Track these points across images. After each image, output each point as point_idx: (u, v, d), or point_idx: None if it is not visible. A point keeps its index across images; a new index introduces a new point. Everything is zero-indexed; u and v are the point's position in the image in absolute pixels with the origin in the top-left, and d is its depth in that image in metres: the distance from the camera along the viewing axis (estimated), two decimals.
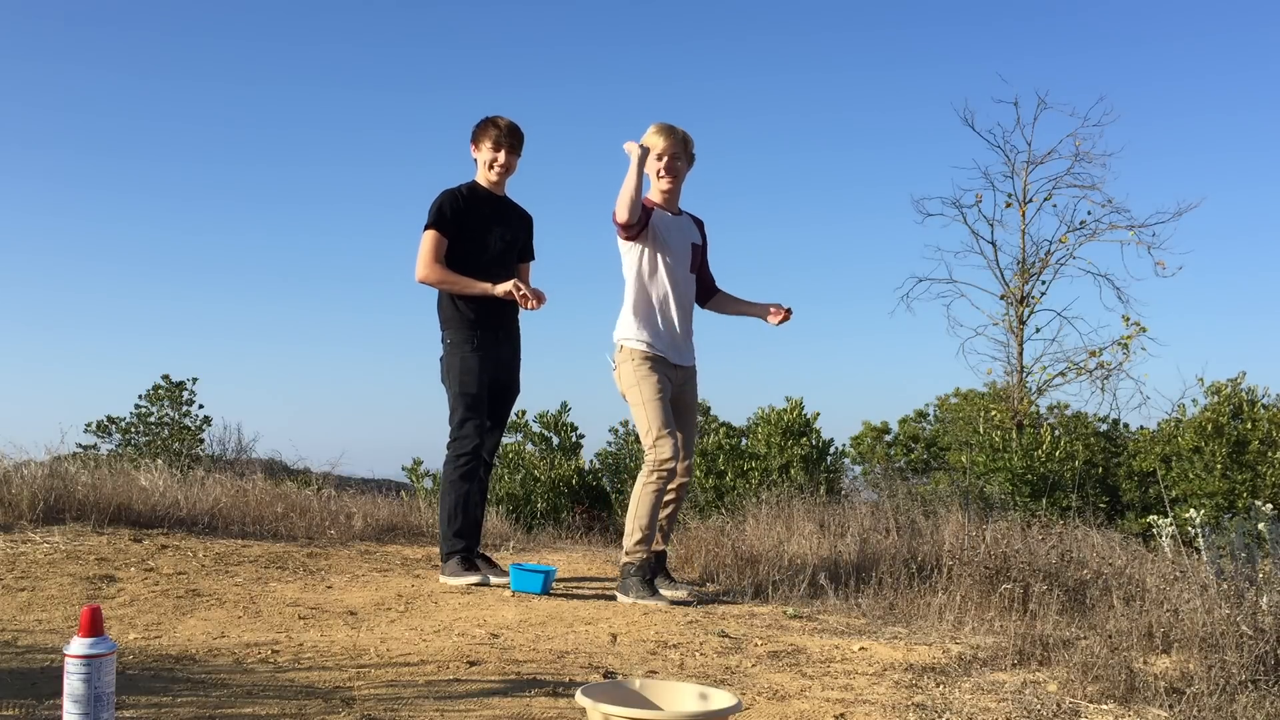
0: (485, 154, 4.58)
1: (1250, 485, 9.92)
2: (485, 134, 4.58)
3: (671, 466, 4.27)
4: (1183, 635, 3.23)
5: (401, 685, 2.77)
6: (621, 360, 4.43)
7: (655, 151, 4.41)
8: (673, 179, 4.45)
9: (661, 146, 4.41)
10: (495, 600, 4.16)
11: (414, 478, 10.53)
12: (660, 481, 4.28)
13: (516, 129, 4.59)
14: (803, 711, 2.74)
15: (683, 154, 4.47)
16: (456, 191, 4.56)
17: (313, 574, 4.61)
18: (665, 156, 4.42)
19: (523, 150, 4.64)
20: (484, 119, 4.61)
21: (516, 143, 4.59)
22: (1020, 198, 11.76)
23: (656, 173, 4.44)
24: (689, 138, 4.49)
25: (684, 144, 4.46)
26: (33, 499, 5.16)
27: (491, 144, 4.56)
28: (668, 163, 4.43)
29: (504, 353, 4.60)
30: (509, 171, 4.61)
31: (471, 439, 4.45)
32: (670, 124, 4.46)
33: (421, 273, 4.48)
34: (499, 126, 4.55)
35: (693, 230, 4.58)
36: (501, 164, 4.56)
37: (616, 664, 3.16)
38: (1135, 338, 11.40)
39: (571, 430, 10.73)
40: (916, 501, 6.99)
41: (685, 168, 4.50)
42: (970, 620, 3.97)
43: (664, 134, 4.42)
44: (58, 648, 2.89)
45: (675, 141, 4.43)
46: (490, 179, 4.60)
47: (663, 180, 4.44)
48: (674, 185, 4.47)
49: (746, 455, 10.19)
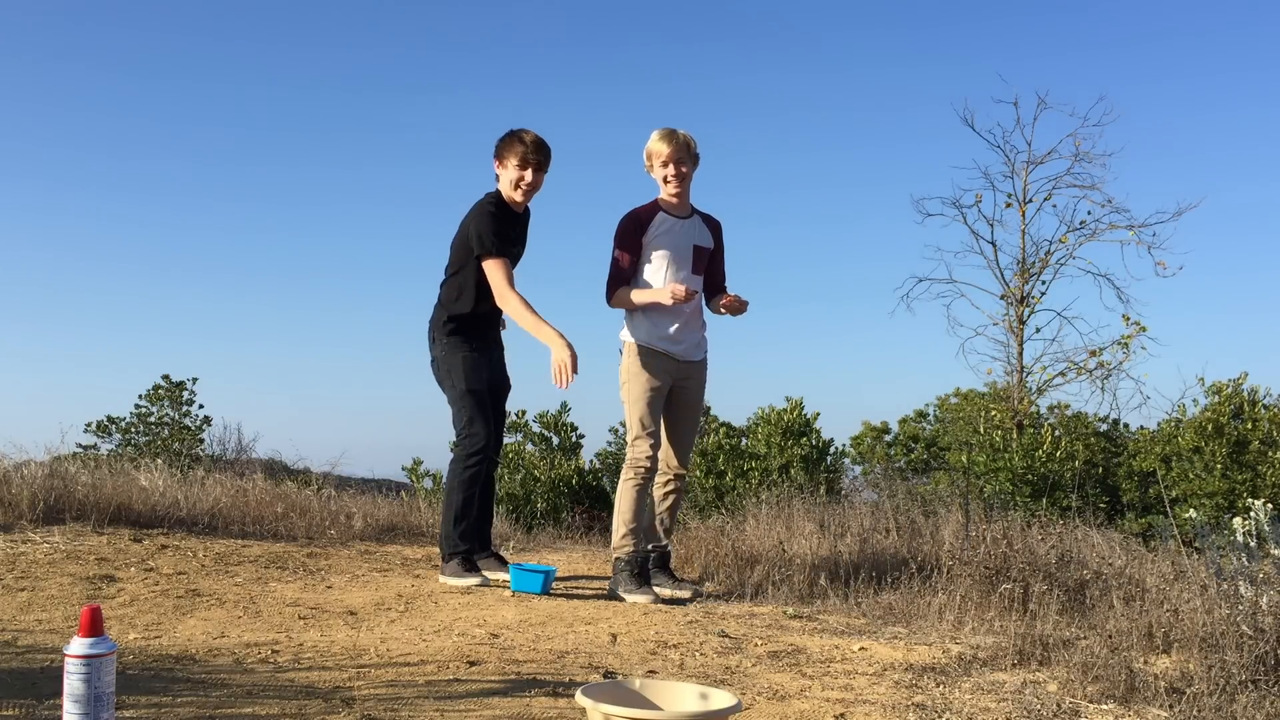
0: (511, 171, 4.41)
1: (1250, 485, 9.92)
2: (511, 150, 4.40)
3: (648, 465, 4.38)
4: (1183, 635, 3.23)
5: (401, 685, 2.77)
6: (624, 355, 4.51)
7: (660, 159, 4.46)
8: (679, 184, 4.49)
9: (666, 153, 4.45)
10: (495, 600, 4.16)
11: (414, 478, 10.53)
12: (638, 478, 4.39)
13: (543, 144, 4.42)
14: (803, 711, 2.74)
15: (687, 157, 4.49)
16: (493, 213, 4.39)
17: (313, 574, 4.61)
18: (670, 163, 4.46)
19: (550, 166, 4.48)
20: (509, 133, 4.44)
21: (544, 160, 4.43)
22: (1020, 198, 11.76)
23: (663, 179, 4.48)
24: (690, 139, 4.51)
25: (686, 147, 4.49)
26: (33, 499, 5.16)
27: (519, 161, 4.38)
28: (674, 169, 4.46)
29: (495, 353, 4.68)
30: (536, 190, 4.47)
31: (480, 437, 4.39)
32: (670, 128, 4.50)
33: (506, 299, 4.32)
34: (525, 143, 4.37)
35: (702, 232, 4.58)
36: (529, 183, 4.41)
37: (616, 664, 3.16)
38: (1135, 337, 11.40)
39: (571, 430, 10.74)
40: (916, 501, 6.99)
41: (691, 170, 4.53)
42: (970, 620, 3.97)
43: (666, 140, 4.46)
44: (58, 648, 2.89)
45: (678, 146, 4.46)
46: (516, 199, 4.45)
47: (670, 185, 4.48)
48: (681, 189, 4.50)
49: (746, 455, 10.19)
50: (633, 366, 4.43)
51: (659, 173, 4.48)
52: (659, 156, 4.46)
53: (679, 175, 4.46)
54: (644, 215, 4.48)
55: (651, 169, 4.51)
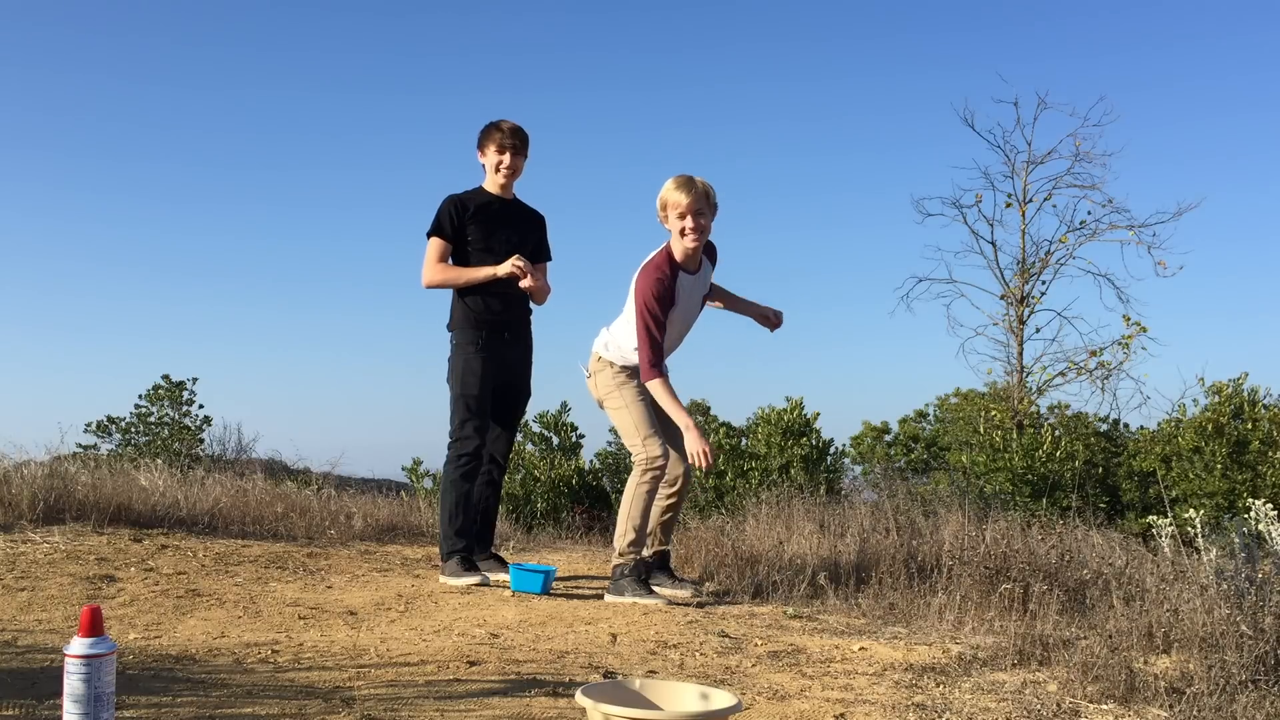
0: (491, 158, 4.59)
1: (1250, 485, 9.91)
2: (490, 138, 4.58)
3: (662, 464, 4.24)
4: (1183, 635, 3.22)
5: (401, 685, 2.77)
6: (598, 369, 4.43)
7: (678, 210, 4.16)
8: (698, 237, 4.19)
9: (685, 204, 4.14)
10: (495, 600, 4.16)
11: (414, 478, 10.53)
12: (653, 480, 4.25)
13: (520, 130, 4.59)
14: (803, 711, 2.74)
15: (706, 208, 4.20)
16: (458, 197, 4.57)
17: (313, 574, 4.61)
18: (689, 215, 4.15)
19: (528, 152, 4.64)
20: (487, 124, 4.62)
21: (521, 144, 4.59)
22: (1020, 198, 11.78)
23: (680, 230, 4.18)
24: (710, 189, 4.23)
25: (706, 197, 4.20)
26: (33, 499, 5.16)
27: (496, 147, 4.56)
28: (693, 221, 4.15)
29: (512, 354, 4.60)
30: (515, 173, 4.61)
31: (472, 439, 4.46)
32: (688, 175, 4.21)
33: (425, 278, 4.52)
34: (502, 130, 4.56)
35: (705, 277, 4.39)
36: (507, 166, 4.56)
37: (616, 664, 3.16)
38: (1135, 337, 11.40)
39: (571, 430, 10.74)
40: (916, 501, 6.99)
41: (709, 222, 4.24)
42: (970, 620, 3.97)
43: (685, 189, 4.16)
44: (58, 648, 2.89)
45: (698, 196, 4.16)
46: (498, 182, 4.60)
47: (687, 238, 4.18)
48: (699, 242, 4.21)
49: (746, 455, 10.19)
50: (616, 378, 4.35)
51: (675, 224, 4.18)
52: (676, 207, 4.16)
53: (698, 228, 4.17)
54: (669, 275, 4.20)
55: (665, 220, 4.23)
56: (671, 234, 4.25)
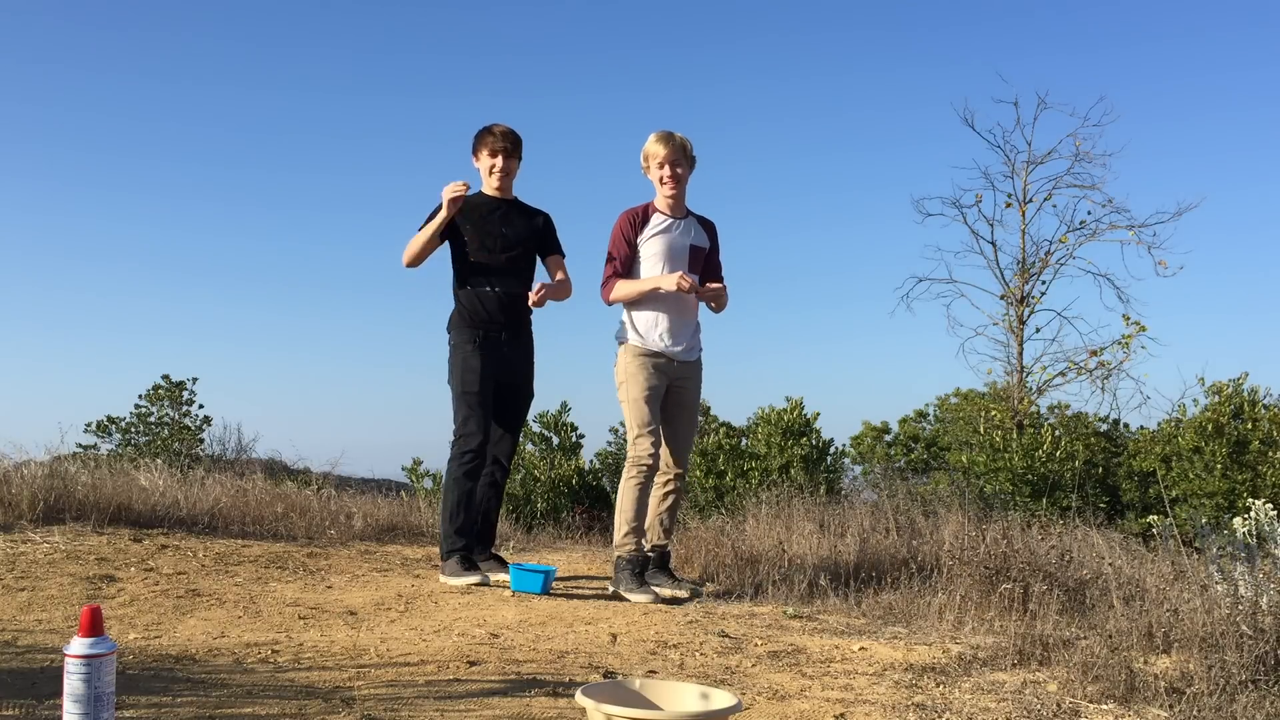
0: (485, 161, 4.69)
1: (1250, 485, 9.91)
2: (482, 143, 4.69)
3: (649, 463, 4.40)
4: (1183, 635, 3.22)
5: (401, 685, 2.77)
6: (620, 356, 4.54)
7: (657, 160, 4.52)
8: (676, 185, 4.53)
9: (662, 155, 4.51)
10: (495, 600, 4.16)
11: (414, 478, 10.52)
12: (640, 476, 4.41)
13: (512, 133, 4.68)
14: (803, 711, 2.74)
15: (683, 159, 4.56)
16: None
17: (313, 574, 4.61)
18: (666, 165, 4.51)
19: (521, 154, 4.73)
20: (481, 129, 4.71)
21: (512, 146, 4.68)
22: (1020, 198, 11.75)
23: (659, 180, 4.53)
24: (687, 142, 4.58)
25: (683, 149, 4.56)
26: (33, 499, 5.16)
27: (488, 151, 4.67)
28: (669, 170, 4.51)
29: (511, 354, 4.61)
30: (509, 175, 4.70)
31: (475, 436, 4.49)
32: (668, 130, 4.57)
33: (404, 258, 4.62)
34: (494, 134, 4.67)
35: (698, 232, 4.63)
36: (500, 168, 4.65)
37: (616, 664, 3.16)
38: (1135, 337, 11.39)
39: (571, 430, 10.73)
40: (916, 501, 6.99)
41: (687, 172, 4.60)
42: (970, 620, 3.97)
43: (663, 142, 4.52)
44: (58, 648, 2.89)
45: (675, 148, 4.52)
46: (493, 185, 4.68)
47: (666, 187, 4.53)
48: (677, 191, 4.55)
49: (746, 455, 10.18)
50: (630, 367, 4.46)
51: (655, 174, 4.56)
52: (655, 158, 4.53)
53: (675, 177, 4.53)
54: (639, 213, 4.54)
55: (648, 170, 4.58)
56: (654, 184, 4.57)
